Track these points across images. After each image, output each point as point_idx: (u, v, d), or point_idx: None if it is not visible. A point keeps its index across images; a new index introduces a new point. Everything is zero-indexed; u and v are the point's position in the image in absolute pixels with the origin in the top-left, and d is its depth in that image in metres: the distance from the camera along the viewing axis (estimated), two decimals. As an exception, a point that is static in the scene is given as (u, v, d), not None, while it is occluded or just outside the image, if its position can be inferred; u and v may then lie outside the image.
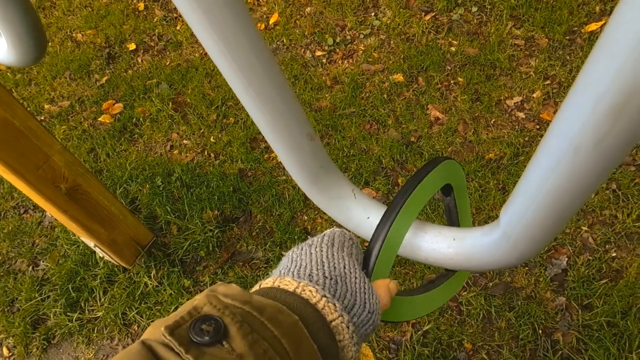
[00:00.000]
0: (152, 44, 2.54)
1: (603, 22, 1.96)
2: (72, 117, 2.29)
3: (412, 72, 2.06)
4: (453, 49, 2.07)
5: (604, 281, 1.48)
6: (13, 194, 2.03)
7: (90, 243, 1.49)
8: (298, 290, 0.39)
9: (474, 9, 2.17)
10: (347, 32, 2.29)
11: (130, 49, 2.52)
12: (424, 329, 1.44)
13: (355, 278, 0.44)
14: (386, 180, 1.78)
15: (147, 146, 2.08)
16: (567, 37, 1.97)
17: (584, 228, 1.59)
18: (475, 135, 1.82)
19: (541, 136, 1.77)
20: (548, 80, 1.89)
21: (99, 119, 2.23)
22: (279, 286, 0.40)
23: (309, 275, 0.42)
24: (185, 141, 2.06)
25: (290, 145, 0.47)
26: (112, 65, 2.48)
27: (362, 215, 0.56)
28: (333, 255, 0.45)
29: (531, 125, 1.80)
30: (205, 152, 2.00)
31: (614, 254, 1.53)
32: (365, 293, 0.43)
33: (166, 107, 2.18)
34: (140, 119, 2.18)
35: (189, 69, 2.35)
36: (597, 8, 2.01)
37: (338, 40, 2.26)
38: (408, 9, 2.27)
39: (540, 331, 1.42)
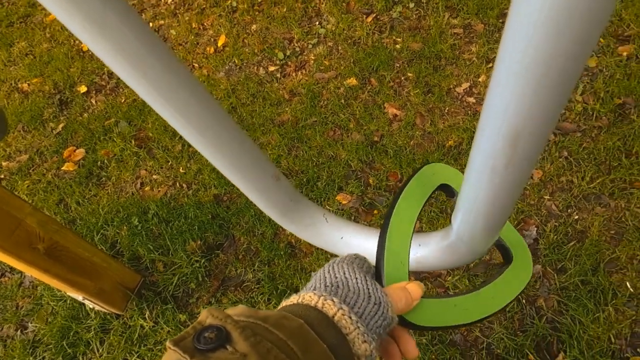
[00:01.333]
0: (104, 83, 2.55)
1: (532, 0, 2.11)
2: (33, 170, 2.28)
3: (364, 74, 2.15)
4: (398, 46, 2.18)
5: (571, 243, 1.61)
6: (-13, 259, 2.01)
7: (78, 297, 1.51)
8: (300, 300, 0.42)
9: (412, 4, 2.29)
10: (296, 44, 2.37)
11: (82, 91, 2.53)
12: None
13: (356, 279, 0.46)
14: (358, 182, 1.86)
15: (117, 187, 2.10)
16: (501, 20, 2.12)
17: (546, 197, 1.72)
18: (432, 125, 1.94)
19: (493, 117, 1.89)
20: (490, 63, 2.02)
21: (62, 168, 2.24)
22: (284, 305, 0.44)
23: (313, 289, 0.45)
24: (155, 176, 2.09)
25: (259, 188, 0.54)
26: (66, 111, 2.48)
27: (336, 236, 0.63)
28: (333, 268, 0.48)
29: (482, 108, 1.93)
30: (177, 184, 2.04)
31: (576, 217, 1.67)
32: (368, 288, 0.45)
33: (129, 145, 2.21)
34: (105, 161, 2.20)
35: (145, 103, 2.37)
36: (525, -12, 2.16)
37: (288, 53, 2.33)
38: (350, 13, 2.37)
39: (524, 301, 1.54)
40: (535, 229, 1.68)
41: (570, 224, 1.65)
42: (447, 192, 0.58)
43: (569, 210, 1.69)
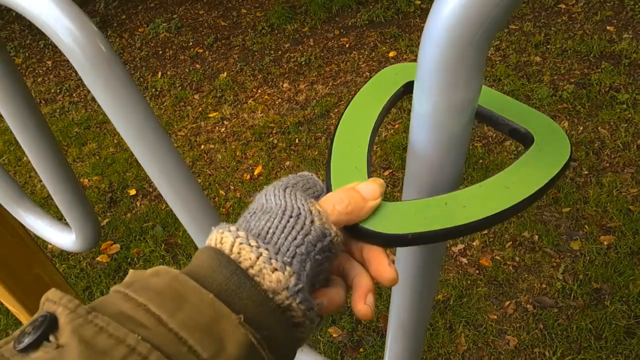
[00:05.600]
0: (151, 189, 3.06)
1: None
2: (72, 256, 2.70)
3: (374, 220, 2.54)
4: (408, 201, 2.59)
5: (539, 414, 1.77)
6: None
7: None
8: (206, 243, 0.36)
9: (425, 168, 2.75)
10: (320, 184, 2.83)
11: (131, 194, 3.03)
12: None
13: (274, 195, 0.38)
14: (350, 319, 2.14)
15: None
16: (500, 194, 2.50)
17: (521, 364, 1.93)
18: (426, 278, 2.24)
19: (481, 280, 2.18)
20: (485, 230, 2.37)
21: (97, 259, 2.64)
22: None
23: None
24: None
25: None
26: (113, 209, 2.96)
27: None
28: (260, 195, 0.40)
29: (472, 270, 2.23)
30: (191, 291, 2.37)
31: (546, 388, 1.85)
32: (285, 201, 0.37)
33: (159, 248, 2.61)
34: (135, 258, 2.59)
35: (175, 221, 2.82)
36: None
37: (312, 191, 2.78)
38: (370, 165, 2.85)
39: None
40: (507, 394, 1.86)
41: (541, 396, 1.83)
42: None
43: (540, 381, 1.87)
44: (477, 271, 2.23)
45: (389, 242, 0.39)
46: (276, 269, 0.33)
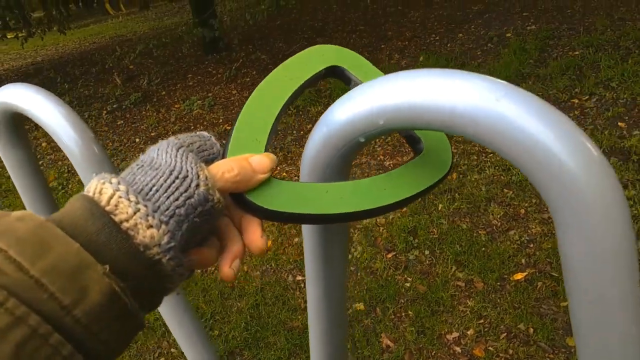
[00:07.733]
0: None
1: (527, 272, 2.54)
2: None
3: (372, 302, 2.60)
4: (407, 284, 2.65)
5: None
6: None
7: None
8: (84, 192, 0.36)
9: (427, 252, 2.82)
10: (324, 262, 2.93)
11: (145, 260, 3.21)
12: None
13: (166, 153, 0.39)
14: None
15: (139, 352, 2.56)
16: (499, 283, 2.53)
17: None
18: (418, 365, 2.25)
19: (473, 371, 2.18)
20: (481, 319, 2.38)
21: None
22: None
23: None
24: (172, 349, 2.53)
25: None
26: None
27: None
28: (151, 150, 0.41)
29: (464, 359, 2.23)
30: (188, 361, 2.45)
31: None
32: (175, 161, 0.38)
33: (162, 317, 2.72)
34: (140, 324, 2.71)
35: (189, 282, 2.96)
36: (523, 260, 2.62)
37: (315, 268, 2.88)
38: (375, 246, 2.95)
39: None
40: None
41: None
42: (340, 77, 0.51)
43: None
44: (471, 362, 2.22)
45: (267, 216, 0.42)
46: (152, 226, 0.34)
